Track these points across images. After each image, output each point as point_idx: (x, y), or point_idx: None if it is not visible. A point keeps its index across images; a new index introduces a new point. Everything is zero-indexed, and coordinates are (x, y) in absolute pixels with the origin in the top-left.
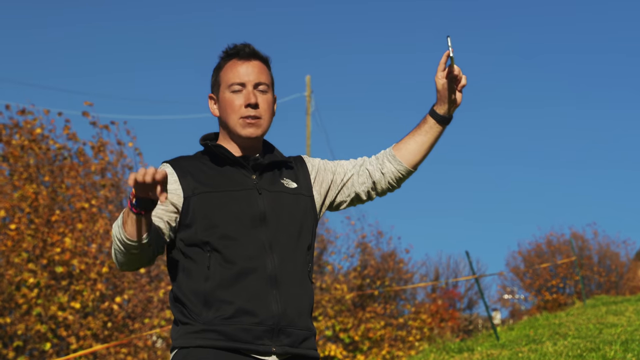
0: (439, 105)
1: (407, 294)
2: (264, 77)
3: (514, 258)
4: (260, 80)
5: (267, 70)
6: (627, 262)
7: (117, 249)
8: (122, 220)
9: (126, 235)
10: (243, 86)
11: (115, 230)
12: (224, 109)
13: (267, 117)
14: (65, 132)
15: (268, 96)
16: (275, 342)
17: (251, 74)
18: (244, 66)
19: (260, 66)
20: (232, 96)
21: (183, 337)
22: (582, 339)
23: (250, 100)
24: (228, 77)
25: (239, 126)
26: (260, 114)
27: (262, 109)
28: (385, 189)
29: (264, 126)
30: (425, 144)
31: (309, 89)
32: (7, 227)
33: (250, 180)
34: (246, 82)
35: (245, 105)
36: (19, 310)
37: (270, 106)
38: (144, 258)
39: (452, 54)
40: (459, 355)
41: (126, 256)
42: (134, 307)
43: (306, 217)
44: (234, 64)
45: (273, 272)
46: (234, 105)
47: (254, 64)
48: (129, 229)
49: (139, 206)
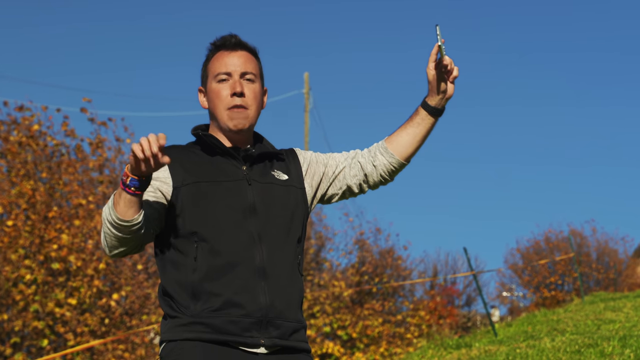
0: (431, 97)
1: (405, 291)
2: (250, 67)
3: (512, 255)
4: (246, 69)
5: (254, 60)
6: (626, 259)
7: (108, 232)
8: (112, 202)
9: (117, 216)
10: (229, 75)
11: (105, 213)
12: (211, 99)
13: (254, 107)
14: (63, 129)
15: (255, 86)
16: (264, 334)
17: (237, 64)
18: (230, 56)
19: (247, 56)
20: (219, 86)
21: (171, 331)
22: (580, 335)
23: (236, 89)
24: (214, 68)
25: (226, 118)
26: (246, 104)
27: (248, 98)
28: (377, 182)
29: (251, 117)
30: (417, 136)
31: (307, 86)
32: (4, 224)
33: (240, 171)
34: (232, 72)
35: (232, 94)
36: (16, 306)
37: (257, 96)
38: (134, 241)
39: (441, 43)
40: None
41: (116, 239)
42: (131, 304)
43: (297, 209)
44: (221, 54)
45: (261, 263)
46: (221, 95)
47: (240, 53)
48: (121, 209)
49: (133, 186)
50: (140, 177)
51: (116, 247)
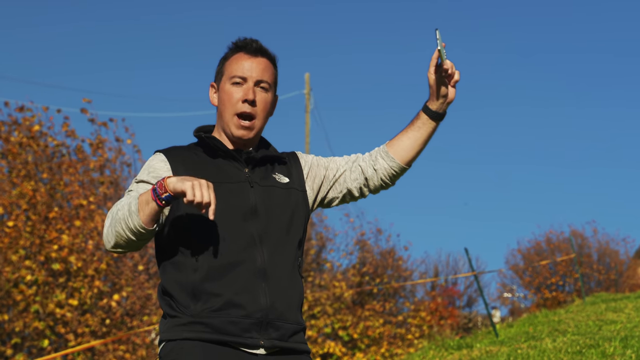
0: (432, 101)
1: (406, 292)
2: (267, 76)
3: (513, 256)
4: (263, 77)
5: (272, 69)
6: (627, 260)
7: (121, 234)
8: (136, 207)
9: (141, 224)
10: (245, 80)
11: (123, 215)
12: (222, 99)
13: (261, 118)
14: (63, 129)
15: (268, 95)
16: (264, 335)
17: (255, 70)
18: (249, 61)
19: (266, 64)
20: (232, 88)
21: (170, 330)
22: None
23: (248, 96)
24: (232, 69)
25: (232, 125)
26: (255, 112)
27: (258, 109)
28: (378, 186)
29: (257, 128)
30: (418, 141)
31: (308, 87)
32: (5, 224)
33: (242, 173)
34: (248, 78)
35: (243, 100)
36: (17, 307)
37: (267, 106)
38: (141, 244)
39: (441, 48)
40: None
41: (126, 240)
42: (132, 305)
43: (297, 212)
44: (240, 57)
45: (262, 265)
46: (232, 98)
47: (260, 60)
48: (145, 218)
49: (166, 200)
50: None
51: (121, 246)
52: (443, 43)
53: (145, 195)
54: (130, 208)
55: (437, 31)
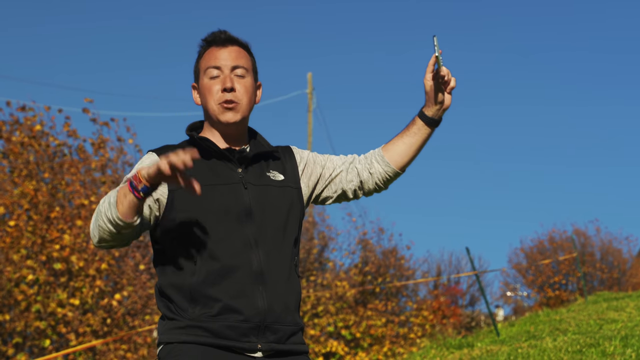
0: (428, 107)
1: (408, 291)
2: (241, 61)
3: (516, 255)
4: (237, 64)
5: (246, 54)
6: (630, 258)
7: (103, 226)
8: (115, 199)
9: (118, 216)
10: (220, 70)
11: (104, 208)
12: (203, 95)
13: (245, 102)
14: (65, 129)
15: (246, 80)
16: (261, 339)
17: (227, 58)
18: (221, 51)
19: (238, 50)
20: (210, 82)
21: (169, 333)
22: (582, 335)
23: (226, 84)
24: (205, 63)
25: (217, 112)
26: (237, 98)
27: (239, 93)
28: (372, 189)
29: (242, 111)
30: (413, 146)
31: (310, 86)
32: (6, 224)
33: (236, 174)
34: (222, 67)
35: (222, 89)
36: (18, 307)
37: (248, 90)
38: (125, 239)
39: (438, 54)
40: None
41: (109, 234)
42: (133, 304)
43: (293, 210)
44: (212, 50)
45: (259, 268)
46: (212, 90)
47: (231, 49)
48: (123, 210)
49: (143, 191)
50: (152, 185)
51: (105, 241)
52: (440, 50)
53: (124, 188)
54: (110, 200)
55: (434, 38)
